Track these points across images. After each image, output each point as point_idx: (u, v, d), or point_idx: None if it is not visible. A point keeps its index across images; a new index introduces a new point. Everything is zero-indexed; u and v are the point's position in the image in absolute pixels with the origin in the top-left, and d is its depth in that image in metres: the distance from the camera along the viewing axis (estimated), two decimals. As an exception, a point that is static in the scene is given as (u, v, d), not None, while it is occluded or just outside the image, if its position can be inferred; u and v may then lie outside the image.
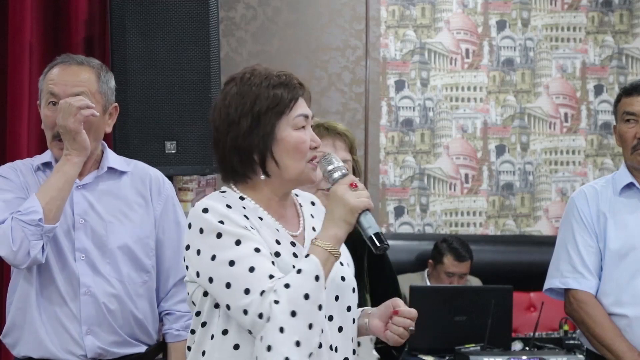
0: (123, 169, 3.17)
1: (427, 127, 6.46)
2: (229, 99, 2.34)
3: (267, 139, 2.31)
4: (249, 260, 2.22)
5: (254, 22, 6.26)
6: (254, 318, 2.19)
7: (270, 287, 2.20)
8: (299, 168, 2.34)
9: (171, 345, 3.21)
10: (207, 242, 2.25)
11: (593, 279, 3.47)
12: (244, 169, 2.33)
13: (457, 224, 6.48)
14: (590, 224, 3.50)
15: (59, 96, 3.02)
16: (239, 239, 2.24)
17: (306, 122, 2.35)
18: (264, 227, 2.32)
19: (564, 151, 6.58)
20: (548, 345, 4.80)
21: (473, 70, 6.50)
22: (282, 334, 2.18)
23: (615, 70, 6.60)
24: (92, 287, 3.03)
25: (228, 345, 2.27)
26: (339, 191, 2.29)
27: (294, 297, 2.19)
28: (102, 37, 4.23)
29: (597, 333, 3.42)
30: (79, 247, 3.03)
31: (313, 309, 2.21)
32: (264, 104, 2.31)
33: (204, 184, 4.36)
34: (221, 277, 2.22)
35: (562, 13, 6.57)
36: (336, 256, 2.27)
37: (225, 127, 2.33)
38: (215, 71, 4.08)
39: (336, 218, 2.28)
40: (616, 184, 3.53)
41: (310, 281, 2.21)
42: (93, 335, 3.03)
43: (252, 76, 2.35)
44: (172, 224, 3.20)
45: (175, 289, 3.21)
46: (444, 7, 6.47)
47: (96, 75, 3.10)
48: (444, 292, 5.01)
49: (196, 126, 4.04)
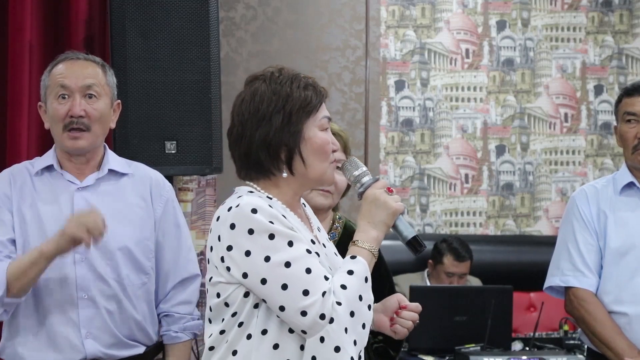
0: (124, 171, 3.17)
1: (427, 127, 6.46)
2: (259, 95, 2.37)
3: (296, 137, 2.35)
4: (304, 262, 2.26)
5: (254, 22, 6.26)
6: (315, 319, 2.22)
7: (330, 288, 2.25)
8: (323, 167, 2.39)
9: (169, 346, 3.21)
10: (258, 243, 2.26)
11: (593, 277, 3.48)
12: (269, 165, 2.37)
13: (457, 224, 6.48)
14: (591, 223, 3.51)
15: (70, 88, 3.05)
16: (291, 240, 2.28)
17: (328, 125, 2.43)
18: (300, 227, 2.37)
19: (564, 151, 6.58)
20: (548, 345, 4.80)
21: (473, 70, 6.50)
22: (346, 334, 2.23)
23: (615, 70, 6.60)
24: (90, 290, 3.03)
25: (267, 345, 2.29)
26: (379, 195, 2.37)
27: (351, 298, 2.25)
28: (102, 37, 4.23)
29: (597, 331, 3.43)
30: (78, 249, 3.02)
31: (365, 309, 2.28)
32: (296, 103, 2.36)
33: (204, 184, 4.36)
34: (277, 279, 2.25)
35: (562, 13, 6.57)
36: (376, 258, 2.35)
37: (254, 122, 2.36)
38: (215, 71, 4.08)
39: (377, 221, 2.36)
40: (617, 183, 3.55)
41: (362, 282, 2.28)
42: (93, 339, 3.03)
43: (281, 75, 2.40)
44: (172, 226, 3.20)
45: (174, 291, 3.21)
46: (444, 7, 6.47)
47: (102, 69, 3.14)
48: (444, 292, 5.01)
49: (196, 126, 4.04)
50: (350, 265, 2.30)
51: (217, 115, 4.08)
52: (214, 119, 4.06)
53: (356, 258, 2.31)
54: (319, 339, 2.23)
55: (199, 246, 4.32)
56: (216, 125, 4.07)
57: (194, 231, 4.33)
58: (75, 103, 3.05)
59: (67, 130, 3.05)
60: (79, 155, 3.11)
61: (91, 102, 3.08)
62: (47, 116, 3.12)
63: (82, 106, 3.05)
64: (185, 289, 3.22)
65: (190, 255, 3.26)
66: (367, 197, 2.38)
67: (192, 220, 4.33)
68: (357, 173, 2.43)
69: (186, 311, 3.21)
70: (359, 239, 2.35)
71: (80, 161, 3.12)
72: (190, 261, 3.25)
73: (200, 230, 4.33)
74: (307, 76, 2.44)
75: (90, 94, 3.08)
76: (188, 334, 3.22)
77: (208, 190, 4.36)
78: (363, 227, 2.37)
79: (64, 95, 3.06)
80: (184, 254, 3.22)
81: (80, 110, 3.04)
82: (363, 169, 2.43)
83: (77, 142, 3.06)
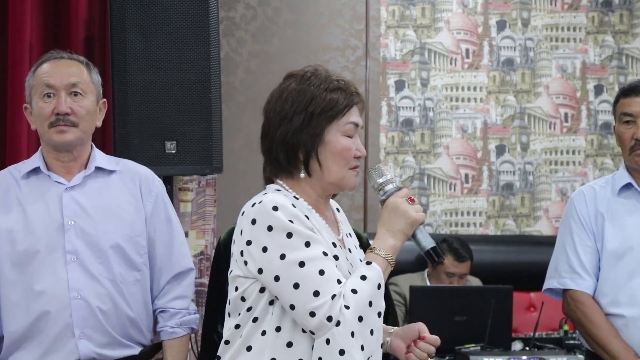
0: (112, 168, 3.17)
1: (427, 127, 6.46)
2: (286, 94, 2.39)
3: (315, 139, 2.37)
4: (319, 263, 2.28)
5: (254, 22, 6.26)
6: (322, 320, 2.24)
7: (340, 292, 2.26)
8: (340, 173, 2.40)
9: (167, 342, 3.20)
10: (276, 241, 2.28)
11: (590, 279, 3.48)
12: (287, 164, 2.39)
13: (457, 224, 6.48)
14: (588, 224, 3.50)
15: (55, 87, 3.06)
16: (309, 240, 2.29)
17: (356, 131, 2.42)
18: (322, 229, 2.39)
19: (564, 151, 6.58)
20: (548, 345, 4.79)
21: (473, 70, 6.50)
22: (352, 338, 2.24)
23: (615, 70, 6.60)
24: (82, 290, 3.02)
25: (281, 342, 2.31)
26: (400, 204, 2.38)
27: (360, 303, 2.26)
28: (102, 37, 4.23)
29: (593, 333, 3.43)
30: (69, 249, 3.03)
31: (374, 316, 2.29)
32: (319, 105, 2.37)
33: (204, 184, 4.36)
34: (289, 277, 2.27)
35: (562, 13, 6.57)
36: (392, 266, 2.37)
37: (277, 120, 2.39)
38: (215, 71, 4.08)
39: (395, 230, 2.37)
40: (615, 184, 3.54)
41: (374, 289, 2.29)
42: (87, 339, 3.02)
43: (313, 76, 2.41)
44: (163, 221, 3.20)
45: (169, 286, 3.20)
46: (444, 7, 6.47)
47: (86, 68, 3.15)
48: (444, 292, 5.01)
49: (196, 126, 4.04)
50: (364, 271, 2.32)
51: (217, 115, 4.08)
52: (214, 119, 4.07)
53: (371, 264, 2.33)
54: (325, 340, 2.25)
55: (199, 246, 4.32)
56: (216, 125, 4.07)
57: (194, 231, 4.33)
58: (61, 101, 3.06)
59: (54, 126, 3.05)
60: (67, 151, 3.10)
61: (77, 100, 3.08)
62: (33, 116, 3.12)
63: (68, 104, 3.06)
64: (180, 283, 3.21)
65: (183, 250, 3.26)
66: (387, 205, 2.40)
67: (192, 220, 4.33)
68: (381, 181, 2.44)
69: (182, 306, 3.21)
70: (376, 246, 2.37)
71: (68, 158, 3.11)
72: (184, 255, 3.25)
73: (200, 230, 4.34)
74: (341, 79, 2.44)
75: (76, 92, 3.09)
76: (185, 328, 3.21)
77: (208, 190, 4.36)
78: (381, 235, 2.38)
79: (49, 94, 3.07)
80: (176, 249, 3.22)
81: (66, 108, 3.05)
82: (387, 176, 2.45)
83: (63, 135, 3.06)
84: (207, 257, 4.31)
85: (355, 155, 2.41)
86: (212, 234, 4.36)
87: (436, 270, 5.66)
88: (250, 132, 5.77)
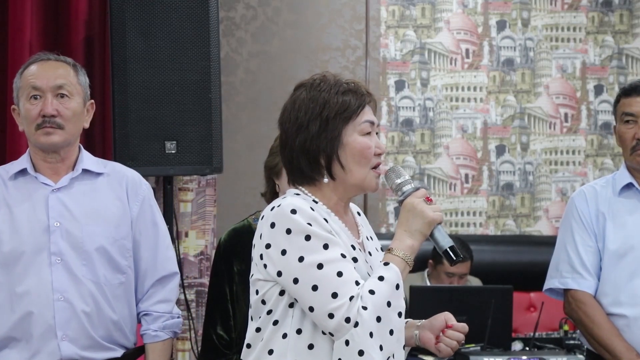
0: (99, 170, 3.18)
1: (427, 127, 6.46)
2: (298, 104, 2.42)
3: (334, 142, 2.39)
4: (337, 265, 2.29)
5: (254, 22, 6.26)
6: (341, 322, 2.26)
7: (358, 293, 2.27)
8: (363, 173, 2.42)
9: (149, 345, 3.20)
10: (294, 243, 2.30)
11: (592, 279, 3.48)
12: (310, 171, 2.41)
13: (457, 224, 6.48)
14: (589, 224, 3.50)
15: (41, 89, 3.07)
16: (327, 242, 2.31)
17: (372, 129, 2.44)
18: (341, 232, 2.40)
19: (564, 151, 6.58)
20: (548, 346, 4.79)
21: (473, 70, 6.50)
22: (371, 339, 2.26)
23: (615, 70, 6.60)
24: (66, 292, 3.02)
25: (302, 345, 2.32)
26: (417, 204, 2.40)
27: (378, 304, 2.28)
28: (102, 37, 4.23)
29: (595, 333, 3.43)
30: (54, 250, 3.03)
31: (394, 316, 2.31)
32: (332, 109, 2.39)
33: (204, 184, 4.36)
34: (308, 280, 2.28)
35: (562, 13, 6.57)
36: (411, 266, 2.38)
37: (294, 130, 2.41)
38: (215, 71, 4.08)
39: (413, 230, 2.39)
40: (616, 184, 3.54)
41: (392, 289, 2.31)
42: (69, 341, 3.02)
43: (322, 82, 2.43)
44: (149, 224, 3.20)
45: (153, 290, 3.20)
46: (444, 7, 6.47)
47: (73, 69, 3.15)
48: (444, 292, 5.01)
49: (196, 126, 4.04)
50: (382, 272, 2.33)
51: (217, 115, 4.08)
52: (214, 119, 4.07)
53: (389, 265, 2.34)
54: (344, 342, 2.26)
55: (199, 246, 4.32)
56: (216, 125, 4.07)
57: (194, 231, 4.33)
58: (47, 103, 3.06)
59: (41, 127, 3.06)
60: (53, 152, 3.10)
61: (63, 102, 3.09)
62: (21, 118, 3.13)
63: (54, 105, 3.06)
64: (164, 287, 3.21)
65: (169, 254, 3.26)
66: (405, 206, 2.41)
67: (192, 220, 4.33)
68: (399, 181, 2.46)
69: (165, 309, 3.21)
70: (394, 246, 2.38)
71: (55, 159, 3.11)
72: (168, 259, 3.25)
73: (200, 230, 4.33)
74: (350, 81, 2.46)
75: (62, 94, 3.09)
76: (167, 332, 3.21)
77: (208, 190, 4.36)
78: (399, 235, 2.40)
79: (35, 95, 3.08)
80: (161, 253, 3.22)
81: (52, 110, 3.06)
82: (405, 177, 2.46)
83: (50, 137, 3.06)
84: (207, 257, 4.31)
85: (375, 153, 2.43)
86: (212, 234, 4.36)
87: (436, 270, 5.66)
88: (250, 132, 5.78)
